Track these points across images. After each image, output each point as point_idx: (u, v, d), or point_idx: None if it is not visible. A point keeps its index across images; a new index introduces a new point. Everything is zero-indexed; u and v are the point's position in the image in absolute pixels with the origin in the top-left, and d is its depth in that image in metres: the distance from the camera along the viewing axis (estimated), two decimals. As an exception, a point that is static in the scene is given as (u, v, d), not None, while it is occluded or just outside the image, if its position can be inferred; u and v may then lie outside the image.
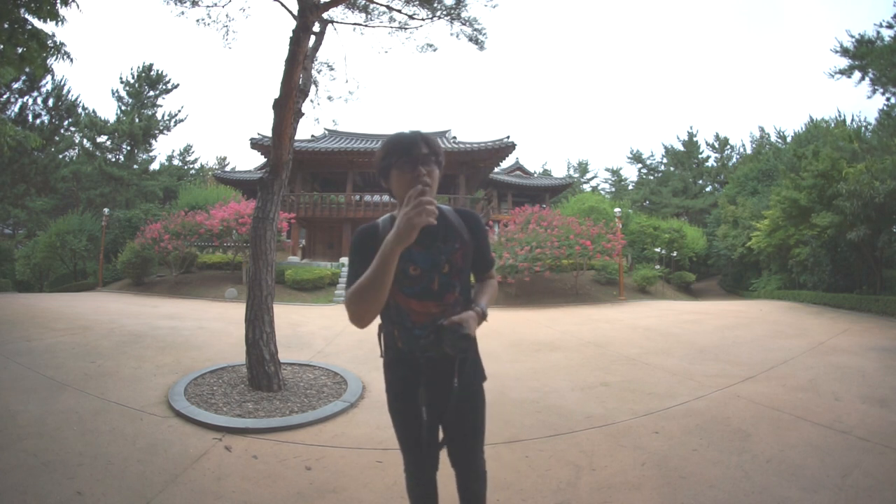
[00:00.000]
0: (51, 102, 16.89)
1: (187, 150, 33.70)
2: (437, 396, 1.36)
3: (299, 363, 4.74)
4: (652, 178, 36.95)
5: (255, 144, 17.11)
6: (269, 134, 4.26)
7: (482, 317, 1.32)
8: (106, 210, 17.43)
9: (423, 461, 1.47)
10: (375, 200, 18.59)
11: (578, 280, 14.04)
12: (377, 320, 1.34)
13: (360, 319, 1.21)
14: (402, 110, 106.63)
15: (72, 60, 5.09)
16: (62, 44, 4.92)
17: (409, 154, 1.25)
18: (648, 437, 2.99)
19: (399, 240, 1.08)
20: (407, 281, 1.32)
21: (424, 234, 1.27)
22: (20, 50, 4.51)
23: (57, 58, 4.92)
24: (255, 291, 3.99)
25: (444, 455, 1.48)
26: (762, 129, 34.05)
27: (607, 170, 42.45)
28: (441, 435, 1.45)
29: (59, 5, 4.44)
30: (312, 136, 19.95)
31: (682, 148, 35.02)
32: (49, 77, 16.32)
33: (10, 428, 2.84)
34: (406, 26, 6.18)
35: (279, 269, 13.00)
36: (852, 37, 9.51)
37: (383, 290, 1.15)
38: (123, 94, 25.73)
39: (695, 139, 34.88)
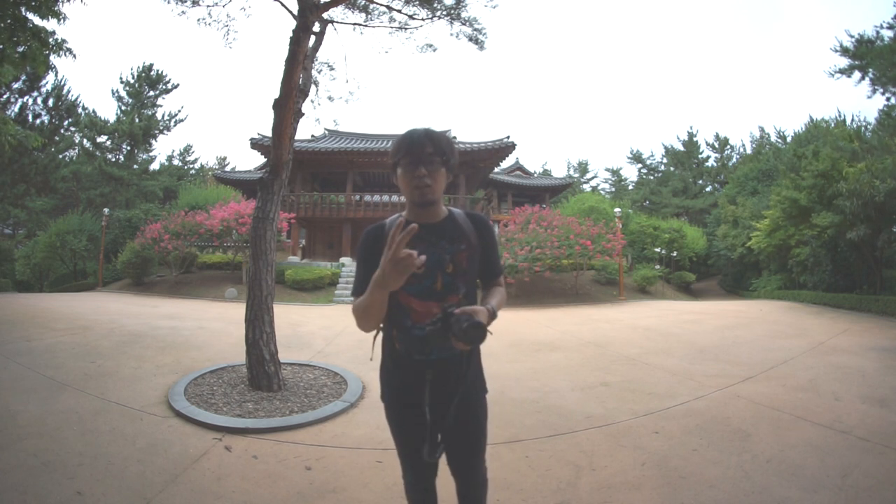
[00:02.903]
0: (51, 102, 16.90)
1: (187, 150, 33.72)
2: (438, 402, 1.33)
3: (299, 363, 4.74)
4: (652, 178, 36.95)
5: (255, 144, 17.10)
6: (269, 134, 4.26)
7: (492, 315, 1.26)
8: (106, 210, 17.43)
9: (421, 471, 1.44)
10: (375, 200, 18.57)
11: (578, 280, 14.04)
12: None
13: (364, 328, 1.29)
14: (403, 110, 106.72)
15: (74, 56, 5.10)
16: (63, 41, 4.93)
17: (412, 153, 1.25)
18: (648, 437, 2.98)
19: (384, 284, 1.11)
20: (410, 278, 1.30)
21: (430, 232, 1.31)
22: (21, 49, 4.52)
23: (59, 54, 4.93)
24: (255, 291, 3.99)
25: (442, 460, 1.45)
26: (762, 129, 34.11)
27: (607, 170, 42.53)
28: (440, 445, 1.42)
29: (60, 2, 4.44)
30: (312, 136, 19.94)
31: (682, 148, 35.02)
32: (49, 77, 16.34)
33: (10, 428, 2.84)
34: (406, 26, 6.18)
35: (279, 269, 13.00)
36: (852, 37, 9.51)
37: (380, 314, 1.23)
38: (123, 94, 25.74)
39: (695, 139, 34.88)
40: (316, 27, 4.85)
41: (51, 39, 4.84)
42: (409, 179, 1.26)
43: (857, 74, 9.38)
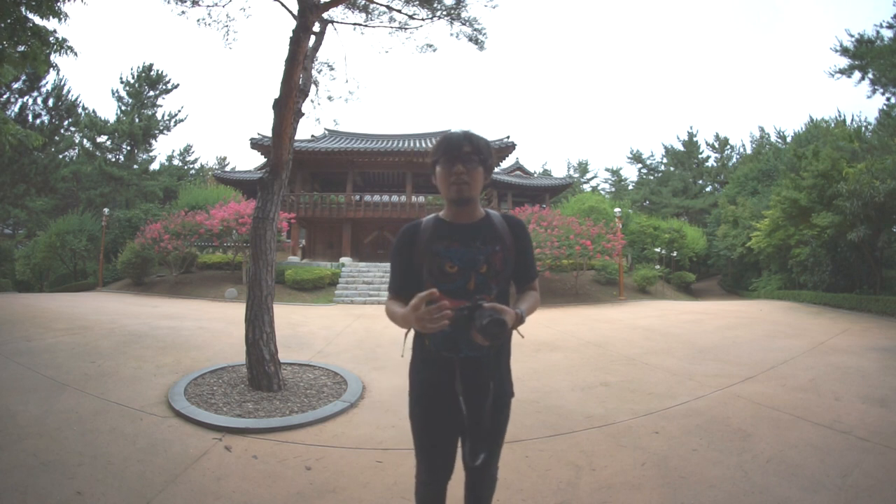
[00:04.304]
0: (51, 102, 16.87)
1: (187, 150, 33.74)
2: (468, 399, 1.32)
3: (299, 363, 4.74)
4: (652, 178, 36.95)
5: (255, 144, 17.10)
6: (269, 134, 4.26)
7: (519, 318, 1.27)
8: (106, 210, 17.42)
9: (437, 470, 1.43)
10: (375, 200, 18.57)
11: (578, 280, 14.04)
12: None
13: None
14: (403, 110, 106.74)
15: (76, 55, 5.10)
16: (64, 39, 4.93)
17: (450, 152, 1.29)
18: (648, 437, 2.98)
19: (412, 327, 1.22)
20: (444, 277, 1.32)
21: (465, 233, 1.34)
22: (21, 48, 4.52)
23: (60, 53, 4.93)
24: (255, 291, 3.99)
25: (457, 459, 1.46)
26: (762, 129, 34.15)
27: (607, 170, 42.50)
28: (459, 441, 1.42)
29: (60, 1, 4.44)
30: (312, 136, 19.93)
31: (682, 148, 35.03)
32: (49, 76, 16.33)
33: (10, 428, 2.84)
34: (406, 26, 6.18)
35: (279, 269, 13.00)
36: (852, 36, 9.52)
37: (409, 328, 1.30)
38: (123, 94, 25.75)
39: (695, 139, 34.89)
40: (316, 27, 4.85)
41: (51, 38, 4.84)
42: (447, 177, 1.29)
43: (857, 74, 9.38)
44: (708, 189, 33.30)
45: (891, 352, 5.40)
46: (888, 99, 9.13)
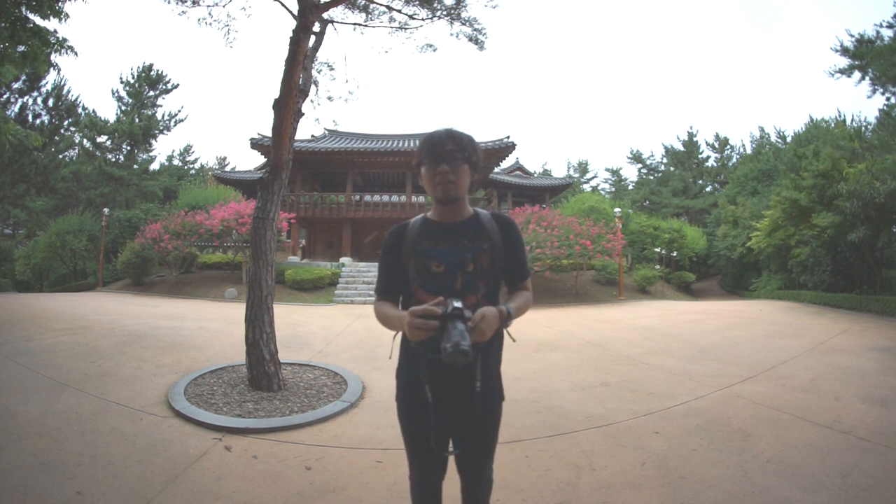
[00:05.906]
0: (51, 102, 16.87)
1: (187, 150, 33.70)
2: (448, 402, 1.30)
3: (299, 363, 4.74)
4: (652, 178, 36.93)
5: (255, 144, 17.10)
6: (269, 134, 4.26)
7: (505, 316, 1.21)
8: (106, 210, 17.41)
9: (428, 471, 1.43)
10: (375, 200, 18.57)
11: (578, 280, 14.04)
12: None
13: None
14: (403, 110, 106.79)
15: (76, 54, 5.11)
16: (64, 39, 4.94)
17: (434, 151, 1.28)
18: (648, 437, 2.98)
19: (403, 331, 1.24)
20: (430, 277, 1.31)
21: (452, 231, 1.33)
22: (22, 48, 4.53)
23: (60, 53, 4.95)
24: (255, 291, 3.99)
25: (450, 462, 1.46)
26: (762, 129, 34.08)
27: (607, 170, 42.45)
28: (451, 445, 1.40)
29: (61, 1, 4.45)
30: (312, 136, 19.93)
31: (682, 148, 35.01)
32: (50, 76, 16.33)
33: (10, 428, 2.84)
34: (406, 26, 6.18)
35: (279, 269, 13.00)
36: (852, 36, 9.54)
37: (399, 330, 1.32)
38: (123, 94, 25.75)
39: (695, 139, 34.87)
40: (316, 27, 4.85)
41: (52, 38, 4.85)
42: (432, 177, 1.28)
43: (857, 74, 9.42)
44: (708, 189, 33.27)
45: (891, 352, 5.40)
46: (888, 99, 9.16)
